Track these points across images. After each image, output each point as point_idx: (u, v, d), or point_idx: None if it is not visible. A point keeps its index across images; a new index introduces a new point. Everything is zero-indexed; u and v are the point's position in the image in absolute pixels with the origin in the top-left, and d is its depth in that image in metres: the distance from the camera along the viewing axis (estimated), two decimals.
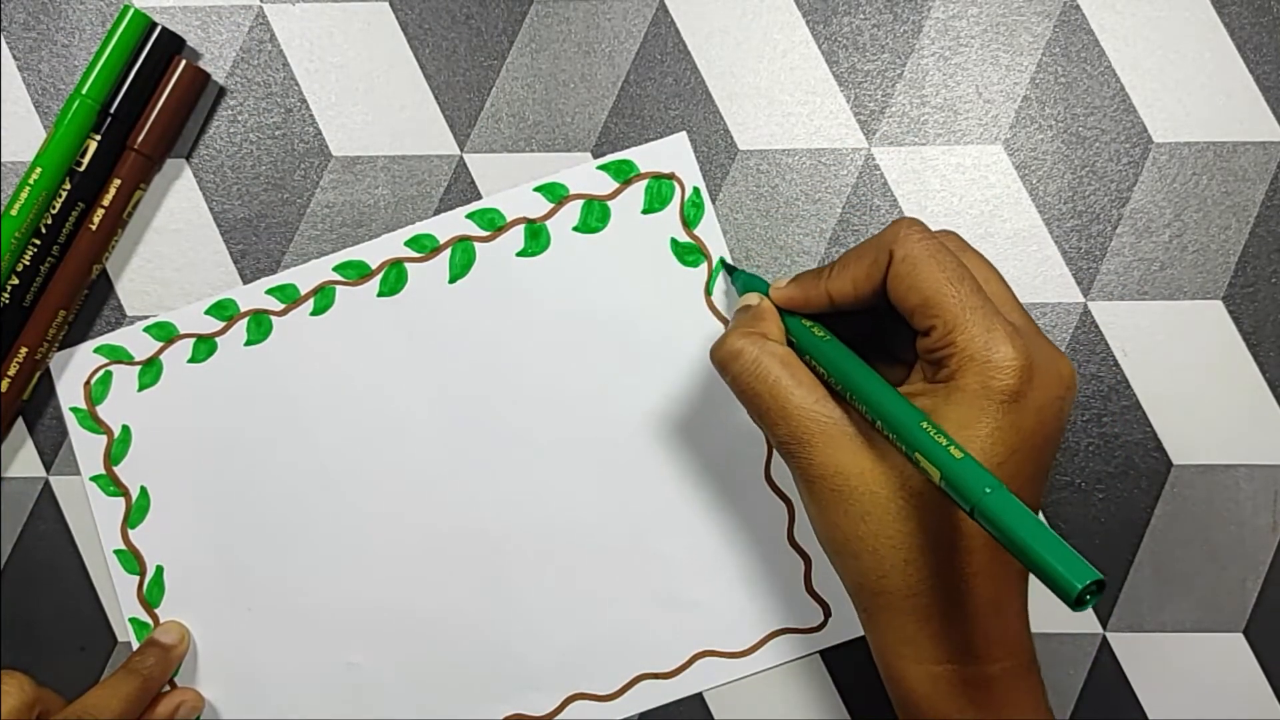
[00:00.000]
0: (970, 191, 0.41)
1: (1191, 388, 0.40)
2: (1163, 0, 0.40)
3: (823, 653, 0.41)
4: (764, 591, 0.41)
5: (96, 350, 0.42)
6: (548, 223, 0.41)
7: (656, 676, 0.41)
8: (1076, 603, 0.24)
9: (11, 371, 0.40)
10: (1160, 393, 0.40)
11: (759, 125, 0.41)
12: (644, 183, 0.41)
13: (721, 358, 0.34)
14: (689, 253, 0.41)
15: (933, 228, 0.40)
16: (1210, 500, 0.40)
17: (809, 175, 0.41)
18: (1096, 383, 0.40)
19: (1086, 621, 0.40)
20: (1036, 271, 0.41)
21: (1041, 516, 0.40)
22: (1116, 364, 0.40)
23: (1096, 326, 0.40)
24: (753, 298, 0.36)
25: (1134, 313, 0.40)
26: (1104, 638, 0.40)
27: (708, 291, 0.41)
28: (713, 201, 0.41)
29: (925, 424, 0.28)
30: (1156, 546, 0.40)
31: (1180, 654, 0.40)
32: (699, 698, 0.41)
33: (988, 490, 0.26)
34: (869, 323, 0.34)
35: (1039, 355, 0.30)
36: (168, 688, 0.41)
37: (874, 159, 0.41)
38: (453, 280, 0.41)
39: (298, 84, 0.42)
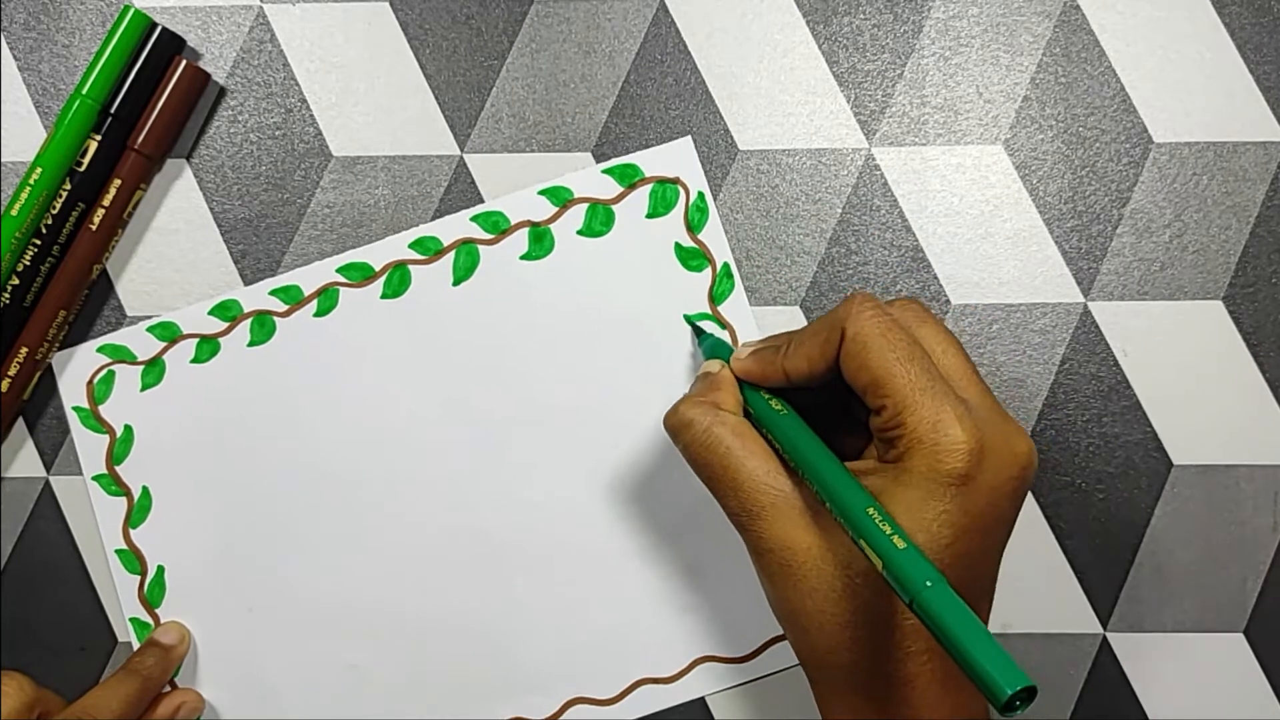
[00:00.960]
0: (970, 191, 0.41)
1: (1191, 388, 0.40)
2: (1163, 0, 0.40)
3: None
4: (765, 597, 0.40)
5: (99, 350, 0.42)
6: (552, 226, 0.41)
7: (656, 681, 0.41)
8: (1005, 708, 0.24)
9: (12, 371, 0.40)
10: (1160, 393, 0.40)
11: (759, 125, 0.41)
12: (648, 187, 0.41)
13: (673, 426, 0.33)
14: (693, 257, 0.41)
15: (936, 227, 0.40)
16: (1210, 500, 0.40)
17: (809, 175, 0.41)
18: (1096, 383, 0.40)
19: (1086, 621, 0.40)
20: (1036, 271, 0.41)
21: (999, 588, 0.39)
22: (1116, 364, 0.40)
23: (1096, 326, 0.40)
24: (713, 365, 0.36)
25: (1134, 313, 0.40)
26: (1104, 638, 0.40)
27: (712, 296, 0.41)
28: (714, 201, 0.41)
29: (872, 510, 0.28)
30: (1156, 546, 0.40)
31: (1180, 654, 0.40)
32: (701, 702, 0.41)
33: (928, 584, 0.26)
34: (833, 391, 0.34)
35: (992, 435, 0.30)
36: (168, 688, 0.41)
37: (874, 159, 0.41)
38: (456, 283, 0.41)
39: (298, 84, 0.42)
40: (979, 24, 0.41)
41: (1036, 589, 0.40)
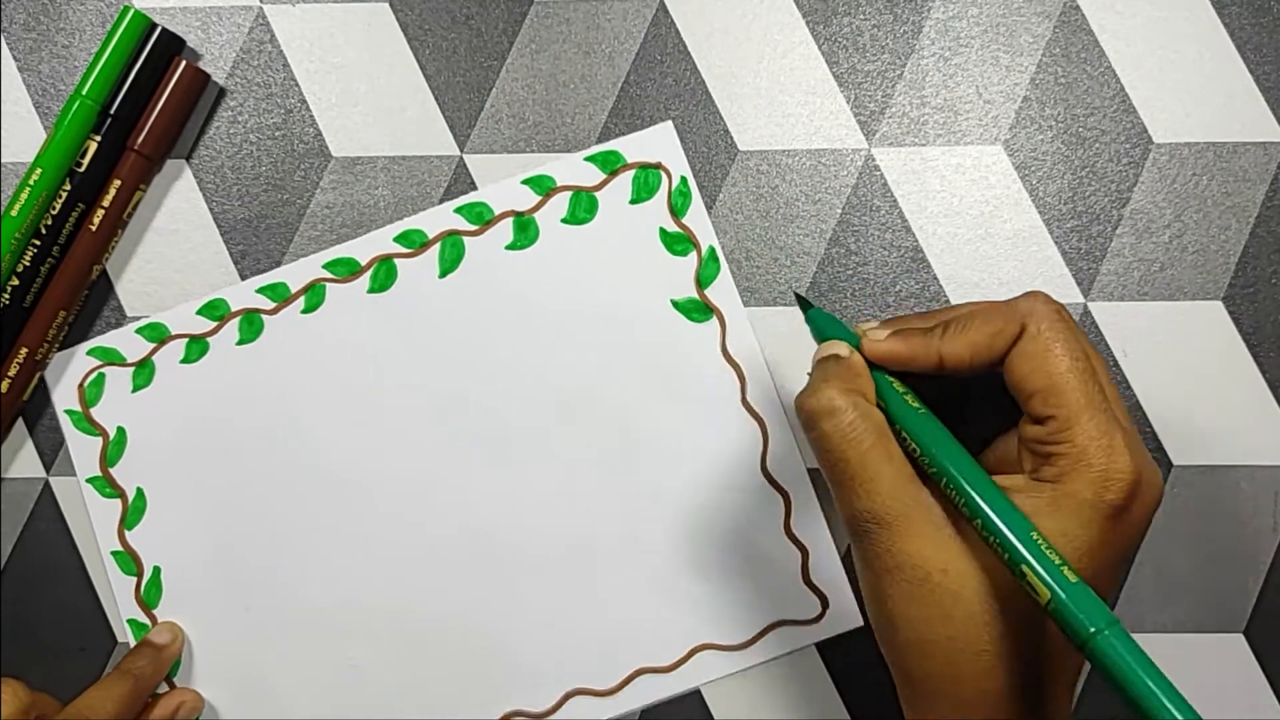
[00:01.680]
0: (970, 192, 0.41)
1: (1191, 388, 0.40)
2: (1163, 0, 0.41)
3: (819, 645, 0.40)
4: (762, 584, 0.41)
5: (90, 353, 0.42)
6: (536, 215, 0.41)
7: (655, 671, 0.41)
8: None
9: (12, 372, 0.40)
10: (1160, 393, 0.40)
11: (759, 126, 0.41)
12: (631, 173, 0.41)
13: (814, 411, 0.30)
14: (678, 242, 0.41)
15: (936, 227, 0.40)
16: (1210, 501, 0.40)
17: (809, 176, 0.41)
18: None
19: None
20: (1036, 272, 0.41)
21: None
22: (1116, 364, 0.40)
23: (1096, 327, 0.40)
24: (841, 347, 0.32)
25: (1134, 313, 0.40)
26: None
27: (698, 282, 0.41)
28: (713, 202, 0.41)
29: (1036, 535, 0.26)
30: (1156, 546, 0.40)
31: (1180, 654, 0.40)
32: (695, 692, 0.41)
33: (1104, 629, 0.24)
34: (950, 385, 0.32)
35: (1144, 466, 0.28)
36: (167, 688, 0.41)
37: (874, 159, 0.41)
38: (443, 275, 0.41)
39: (298, 84, 0.42)
40: (979, 24, 0.41)
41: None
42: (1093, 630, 0.25)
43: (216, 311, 0.42)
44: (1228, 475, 0.40)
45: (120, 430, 0.42)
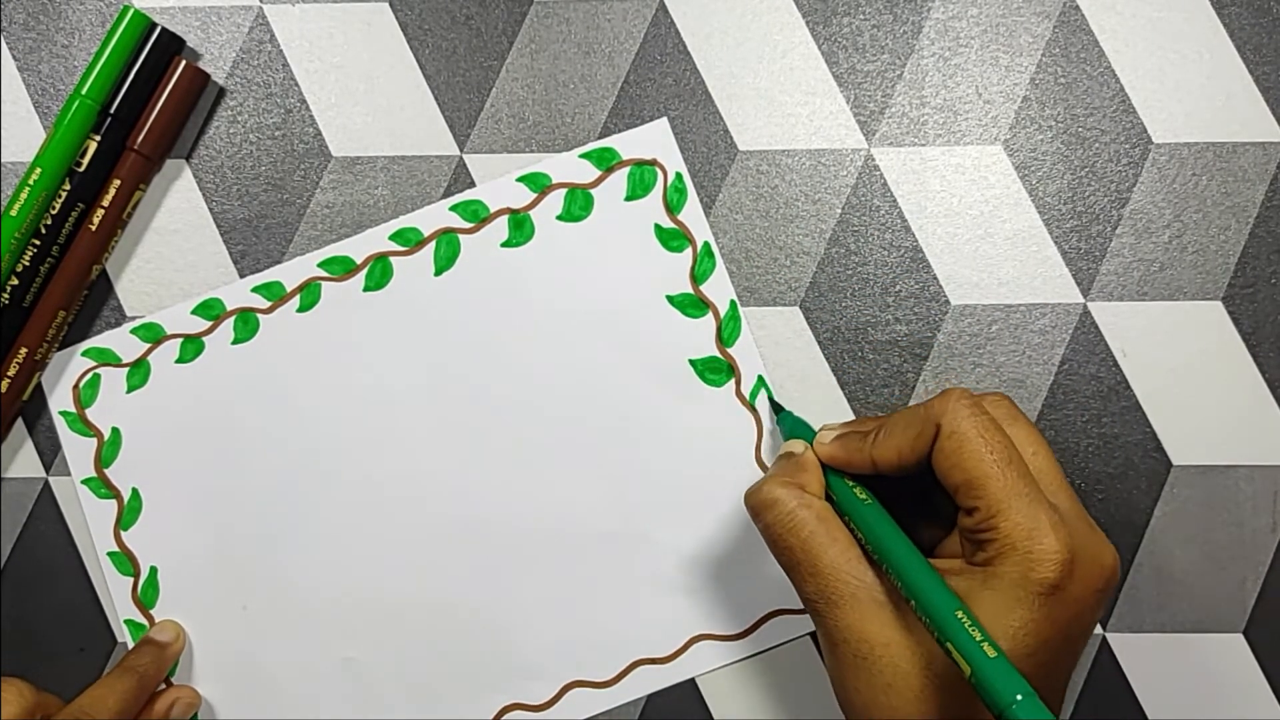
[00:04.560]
0: (970, 192, 0.41)
1: (1191, 388, 0.40)
2: (1163, 1, 0.41)
3: (812, 635, 0.41)
4: (757, 574, 0.41)
5: (84, 353, 0.42)
6: (531, 213, 0.41)
7: (653, 662, 0.41)
8: None
9: (11, 372, 0.40)
10: (1160, 393, 0.40)
11: (759, 126, 0.41)
12: (626, 170, 0.41)
13: (756, 505, 0.33)
14: (673, 238, 0.41)
15: (935, 227, 0.40)
16: (1210, 500, 0.40)
17: (809, 176, 0.41)
18: (1096, 383, 0.40)
19: None
20: (1036, 272, 0.41)
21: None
22: (1116, 364, 0.40)
23: (1096, 327, 0.40)
24: (797, 445, 0.35)
25: (1134, 313, 0.40)
26: (1104, 638, 0.40)
27: (694, 277, 0.41)
28: (713, 202, 0.41)
29: (960, 613, 0.28)
30: (1156, 546, 0.40)
31: (1180, 654, 0.40)
32: (692, 682, 0.41)
33: (1018, 698, 0.26)
34: (916, 478, 0.33)
35: (1082, 545, 0.29)
36: (163, 686, 0.41)
37: (874, 160, 0.41)
38: (438, 273, 0.41)
39: (298, 84, 0.42)
40: (978, 24, 0.41)
41: None
42: (1008, 702, 0.26)
43: (211, 311, 0.42)
44: (1227, 475, 0.40)
45: (115, 431, 0.42)
